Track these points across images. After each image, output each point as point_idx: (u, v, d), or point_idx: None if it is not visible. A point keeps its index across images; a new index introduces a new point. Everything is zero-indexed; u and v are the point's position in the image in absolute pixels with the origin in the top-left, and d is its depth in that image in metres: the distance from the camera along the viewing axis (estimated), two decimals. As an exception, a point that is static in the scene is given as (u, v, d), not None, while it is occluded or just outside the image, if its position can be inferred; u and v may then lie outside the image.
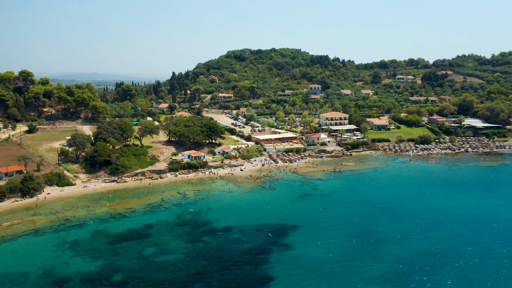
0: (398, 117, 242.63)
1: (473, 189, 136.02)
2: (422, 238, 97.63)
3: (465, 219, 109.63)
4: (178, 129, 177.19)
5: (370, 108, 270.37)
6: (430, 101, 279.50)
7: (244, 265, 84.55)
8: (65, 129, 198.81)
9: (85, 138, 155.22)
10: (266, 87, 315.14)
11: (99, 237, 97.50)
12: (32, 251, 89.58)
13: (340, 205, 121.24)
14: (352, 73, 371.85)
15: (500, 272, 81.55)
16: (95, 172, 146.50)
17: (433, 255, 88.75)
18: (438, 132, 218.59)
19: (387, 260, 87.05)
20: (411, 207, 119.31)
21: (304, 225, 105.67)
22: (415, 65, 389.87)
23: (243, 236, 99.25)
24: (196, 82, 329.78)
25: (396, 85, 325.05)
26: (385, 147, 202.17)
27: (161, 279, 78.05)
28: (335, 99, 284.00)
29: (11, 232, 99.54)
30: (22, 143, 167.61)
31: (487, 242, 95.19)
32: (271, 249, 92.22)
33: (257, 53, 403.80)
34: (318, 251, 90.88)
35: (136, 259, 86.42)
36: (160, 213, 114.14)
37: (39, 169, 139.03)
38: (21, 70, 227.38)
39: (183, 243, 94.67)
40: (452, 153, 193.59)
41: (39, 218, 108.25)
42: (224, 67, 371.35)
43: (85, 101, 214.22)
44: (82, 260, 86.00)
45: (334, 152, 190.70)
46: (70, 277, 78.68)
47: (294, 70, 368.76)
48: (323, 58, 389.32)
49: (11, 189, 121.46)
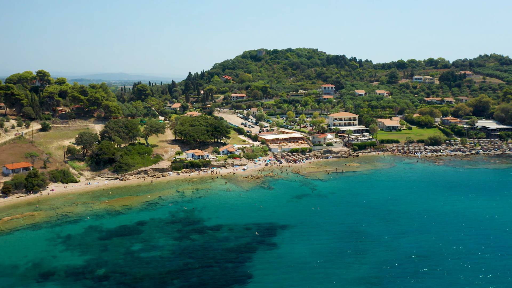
0: (411, 118, 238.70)
1: (474, 192, 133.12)
2: (411, 241, 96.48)
3: (458, 222, 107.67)
4: (183, 129, 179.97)
5: (384, 108, 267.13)
6: (445, 101, 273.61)
7: (226, 263, 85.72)
8: (77, 127, 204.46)
9: (92, 137, 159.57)
10: (279, 87, 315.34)
11: (91, 233, 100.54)
12: (26, 245, 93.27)
13: (334, 206, 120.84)
14: (369, 73, 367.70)
15: (485, 277, 79.95)
16: (99, 170, 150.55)
17: (419, 258, 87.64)
18: (450, 133, 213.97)
19: (371, 262, 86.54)
20: (407, 209, 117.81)
21: (294, 225, 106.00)
22: (434, 65, 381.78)
23: (231, 234, 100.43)
24: (210, 82, 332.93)
25: (412, 85, 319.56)
26: (394, 148, 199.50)
27: (141, 274, 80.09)
28: (348, 99, 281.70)
29: (10, 226, 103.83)
30: (34, 141, 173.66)
31: (477, 246, 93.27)
32: (257, 247, 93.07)
33: (273, 53, 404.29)
34: (303, 251, 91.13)
35: (123, 255, 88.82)
36: (155, 211, 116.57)
37: (45, 166, 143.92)
38: (38, 70, 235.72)
39: (171, 240, 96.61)
40: (462, 155, 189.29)
41: (39, 213, 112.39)
42: (240, 67, 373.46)
43: (97, 101, 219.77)
44: (71, 254, 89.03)
45: (340, 152, 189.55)
46: (57, 270, 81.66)
47: (309, 70, 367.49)
48: (339, 58, 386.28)
49: (16, 185, 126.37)
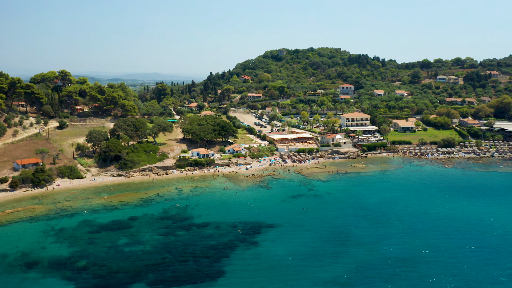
0: (427, 119, 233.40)
1: (474, 195, 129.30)
2: (395, 244, 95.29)
3: (450, 225, 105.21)
4: (191, 127, 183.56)
5: (402, 109, 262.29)
6: (467, 102, 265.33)
7: (203, 258, 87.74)
8: (94, 126, 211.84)
9: (101, 135, 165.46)
10: (297, 86, 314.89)
11: (83, 227, 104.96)
12: (20, 236, 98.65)
13: (327, 206, 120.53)
14: (391, 73, 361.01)
15: (457, 284, 78.22)
16: (106, 167, 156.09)
17: (398, 262, 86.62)
18: (466, 135, 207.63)
19: (348, 263, 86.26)
20: (400, 211, 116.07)
21: (281, 224, 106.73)
22: (461, 64, 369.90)
23: (216, 232, 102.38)
24: (229, 82, 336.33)
25: (435, 86, 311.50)
26: (405, 149, 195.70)
27: (118, 267, 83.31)
28: (365, 99, 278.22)
29: (10, 218, 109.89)
30: (50, 138, 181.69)
31: (462, 251, 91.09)
32: (237, 245, 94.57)
33: (294, 52, 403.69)
34: (282, 250, 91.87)
35: (107, 248, 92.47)
36: (149, 207, 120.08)
37: (54, 162, 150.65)
38: (60, 70, 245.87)
39: (157, 236, 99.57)
40: (475, 158, 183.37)
41: (39, 207, 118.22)
42: (260, 67, 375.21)
43: (114, 100, 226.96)
44: (60, 246, 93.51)
45: (348, 153, 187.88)
46: (42, 261, 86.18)
47: (330, 69, 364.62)
48: (362, 58, 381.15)
49: (23, 179, 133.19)
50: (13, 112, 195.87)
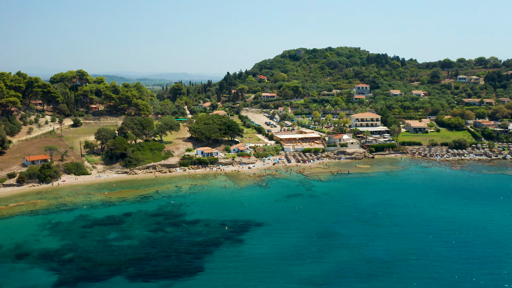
0: (441, 119, 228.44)
1: (473, 198, 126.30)
2: (380, 245, 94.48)
3: (441, 228, 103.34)
4: (197, 126, 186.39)
5: (417, 109, 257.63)
6: (485, 103, 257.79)
7: (186, 255, 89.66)
8: (107, 124, 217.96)
9: (109, 133, 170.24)
10: (313, 86, 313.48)
11: (79, 221, 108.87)
12: (17, 228, 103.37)
13: (320, 206, 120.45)
14: (411, 73, 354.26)
15: (435, 285, 77.19)
16: (111, 164, 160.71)
17: (378, 263, 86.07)
18: (479, 136, 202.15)
19: (328, 263, 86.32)
20: (394, 212, 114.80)
21: (270, 223, 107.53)
22: (484, 64, 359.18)
23: (204, 229, 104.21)
24: (245, 81, 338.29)
25: (455, 86, 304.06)
26: (414, 150, 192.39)
27: (102, 260, 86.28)
28: (380, 99, 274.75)
29: (12, 211, 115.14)
30: (63, 135, 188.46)
31: (448, 254, 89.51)
32: (222, 243, 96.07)
33: (311, 52, 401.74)
34: (265, 249, 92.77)
35: (96, 242, 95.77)
36: (146, 204, 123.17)
37: (62, 159, 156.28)
38: (77, 69, 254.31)
39: (146, 232, 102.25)
40: (486, 160, 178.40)
41: (41, 202, 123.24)
42: (277, 66, 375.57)
43: (128, 99, 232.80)
44: (52, 239, 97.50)
45: (355, 154, 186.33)
46: (32, 252, 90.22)
47: (347, 69, 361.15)
48: (381, 57, 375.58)
49: (30, 175, 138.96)
50: (30, 111, 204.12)
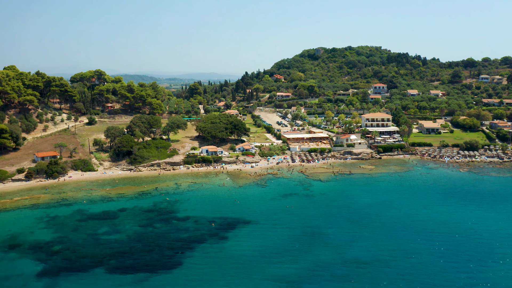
0: (456, 120, 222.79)
1: (471, 200, 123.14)
2: (364, 246, 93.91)
3: (432, 231, 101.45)
4: (204, 125, 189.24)
5: (433, 109, 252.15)
6: (505, 103, 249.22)
7: (168, 250, 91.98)
8: (121, 122, 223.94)
9: (118, 131, 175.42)
10: (329, 86, 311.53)
11: (75, 215, 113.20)
12: (16, 221, 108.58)
13: (313, 206, 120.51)
14: (432, 72, 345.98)
15: (407, 286, 76.40)
16: (118, 161, 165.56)
17: (356, 263, 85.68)
18: (494, 138, 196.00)
19: (306, 262, 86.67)
20: (386, 213, 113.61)
21: (258, 222, 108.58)
22: (509, 63, 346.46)
23: (192, 225, 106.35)
24: (261, 81, 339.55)
25: (476, 86, 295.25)
26: (424, 152, 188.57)
27: (87, 253, 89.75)
28: (397, 99, 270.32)
29: (15, 205, 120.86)
30: (77, 133, 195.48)
31: (433, 258, 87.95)
32: (206, 239, 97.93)
33: (331, 51, 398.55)
34: (247, 246, 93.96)
35: (85, 235, 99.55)
36: (142, 200, 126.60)
37: (71, 156, 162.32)
38: (95, 69, 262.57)
39: (136, 227, 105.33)
40: (497, 162, 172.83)
41: (44, 196, 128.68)
42: (295, 66, 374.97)
43: (143, 98, 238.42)
44: (46, 231, 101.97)
45: (361, 154, 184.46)
46: (24, 243, 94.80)
47: (366, 68, 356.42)
48: (401, 56, 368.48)
49: (38, 171, 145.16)
50: (47, 109, 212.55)
